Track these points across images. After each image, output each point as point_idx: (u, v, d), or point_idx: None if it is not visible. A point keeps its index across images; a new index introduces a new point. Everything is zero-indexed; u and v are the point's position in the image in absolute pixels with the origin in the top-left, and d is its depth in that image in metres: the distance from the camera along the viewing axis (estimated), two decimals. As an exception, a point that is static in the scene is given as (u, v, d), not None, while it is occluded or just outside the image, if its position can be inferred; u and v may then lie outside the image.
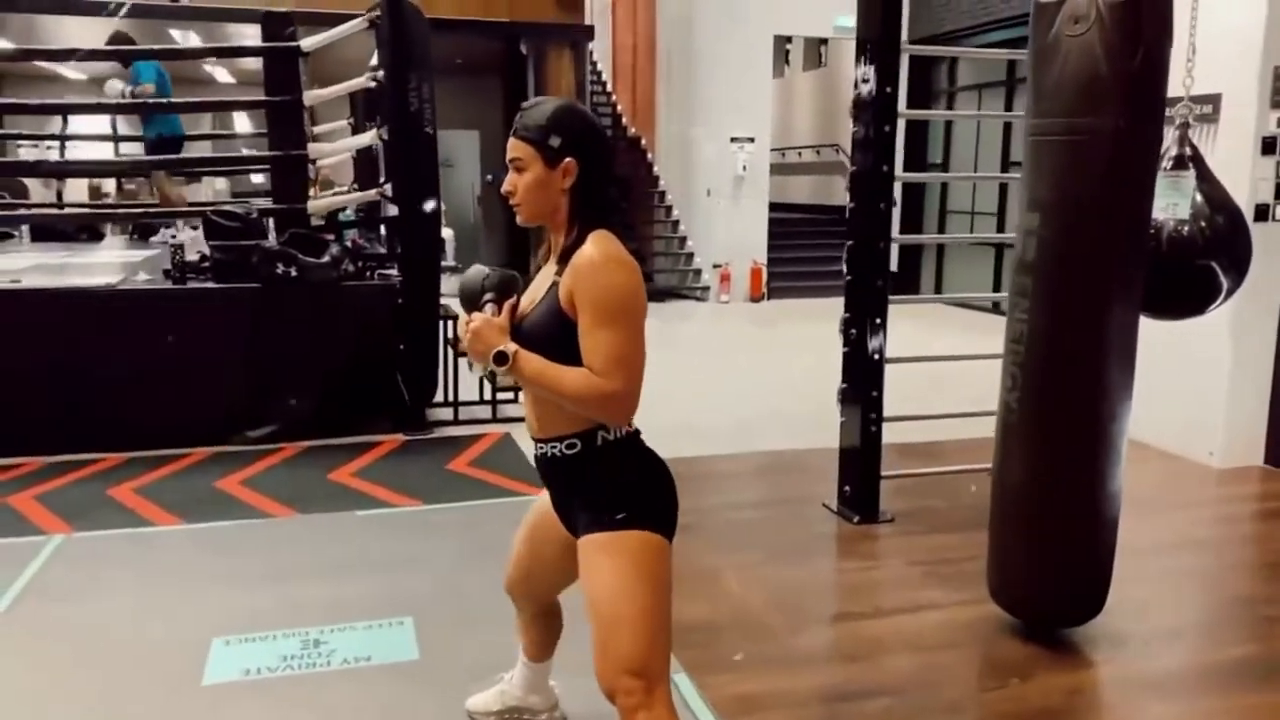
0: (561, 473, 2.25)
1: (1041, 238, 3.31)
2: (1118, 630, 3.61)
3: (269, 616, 3.70)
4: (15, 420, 5.67)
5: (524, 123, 2.15)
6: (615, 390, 2.04)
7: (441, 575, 4.14)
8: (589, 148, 2.16)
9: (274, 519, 4.85)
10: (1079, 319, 3.29)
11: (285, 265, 5.97)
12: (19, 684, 3.27)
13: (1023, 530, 3.48)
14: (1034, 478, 3.42)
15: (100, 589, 4.01)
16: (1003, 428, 3.51)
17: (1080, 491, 3.37)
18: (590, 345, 2.04)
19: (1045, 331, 3.33)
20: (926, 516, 4.84)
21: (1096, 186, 3.22)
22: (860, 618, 3.84)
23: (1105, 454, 3.35)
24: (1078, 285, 3.28)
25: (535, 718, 2.94)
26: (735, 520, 4.90)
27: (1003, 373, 3.50)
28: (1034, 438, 3.42)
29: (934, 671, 3.36)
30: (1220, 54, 5.04)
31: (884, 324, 4.68)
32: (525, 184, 2.16)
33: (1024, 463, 3.45)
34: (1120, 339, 3.31)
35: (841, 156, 14.98)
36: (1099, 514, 3.38)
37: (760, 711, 3.10)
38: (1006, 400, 3.46)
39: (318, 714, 3.08)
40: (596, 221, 2.15)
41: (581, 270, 2.07)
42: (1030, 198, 3.36)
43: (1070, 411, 3.36)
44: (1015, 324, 3.41)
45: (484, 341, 2.08)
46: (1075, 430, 3.36)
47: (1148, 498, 4.90)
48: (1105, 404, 3.31)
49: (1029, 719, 3.07)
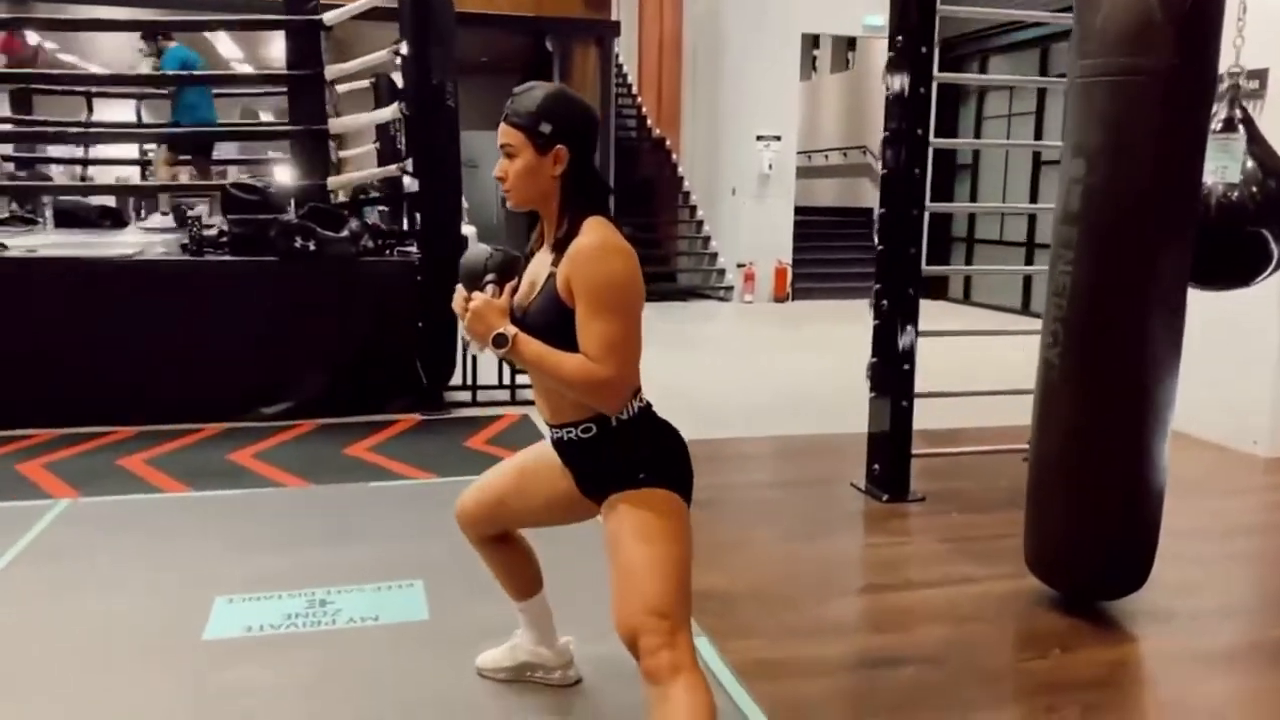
0: (578, 454, 2.26)
1: (1087, 185, 3.14)
2: (1163, 607, 3.42)
3: (275, 578, 3.57)
4: (26, 392, 5.59)
5: (515, 108, 2.13)
6: (609, 377, 2.04)
7: (456, 543, 3.92)
8: (580, 135, 2.14)
9: (285, 488, 4.73)
10: (1126, 270, 3.12)
11: (303, 239, 5.88)
12: (12, 639, 3.15)
13: (1062, 495, 3.29)
14: (1075, 439, 3.24)
15: (102, 550, 3.90)
16: (1042, 387, 3.33)
17: (1124, 454, 3.19)
18: (586, 332, 2.04)
19: (1089, 284, 3.16)
20: (958, 497, 4.65)
21: (1146, 130, 3.05)
22: (888, 589, 3.67)
23: (1150, 416, 3.17)
24: (1125, 234, 3.11)
25: (548, 674, 2.81)
26: (758, 498, 4.74)
27: (1042, 329, 3.33)
28: (1075, 397, 3.24)
29: (969, 642, 3.19)
30: (1269, 29, 4.86)
31: (917, 295, 4.52)
32: (516, 170, 2.14)
33: (1064, 423, 3.27)
34: (1169, 291, 3.13)
35: (869, 158, 14.81)
36: (1143, 479, 3.19)
37: (784, 677, 2.93)
38: (1047, 358, 3.29)
39: (320, 669, 2.94)
40: (589, 208, 2.14)
41: (578, 259, 2.06)
42: (1075, 143, 3.20)
43: (1114, 369, 3.18)
44: (1058, 277, 3.24)
45: (485, 323, 2.08)
46: (1119, 389, 3.18)
47: (1191, 484, 4.69)
48: (1151, 361, 3.14)
49: (1074, 689, 2.88)
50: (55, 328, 5.61)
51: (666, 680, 2.01)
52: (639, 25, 15.91)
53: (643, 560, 2.08)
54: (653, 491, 2.13)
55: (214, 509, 4.42)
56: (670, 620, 2.05)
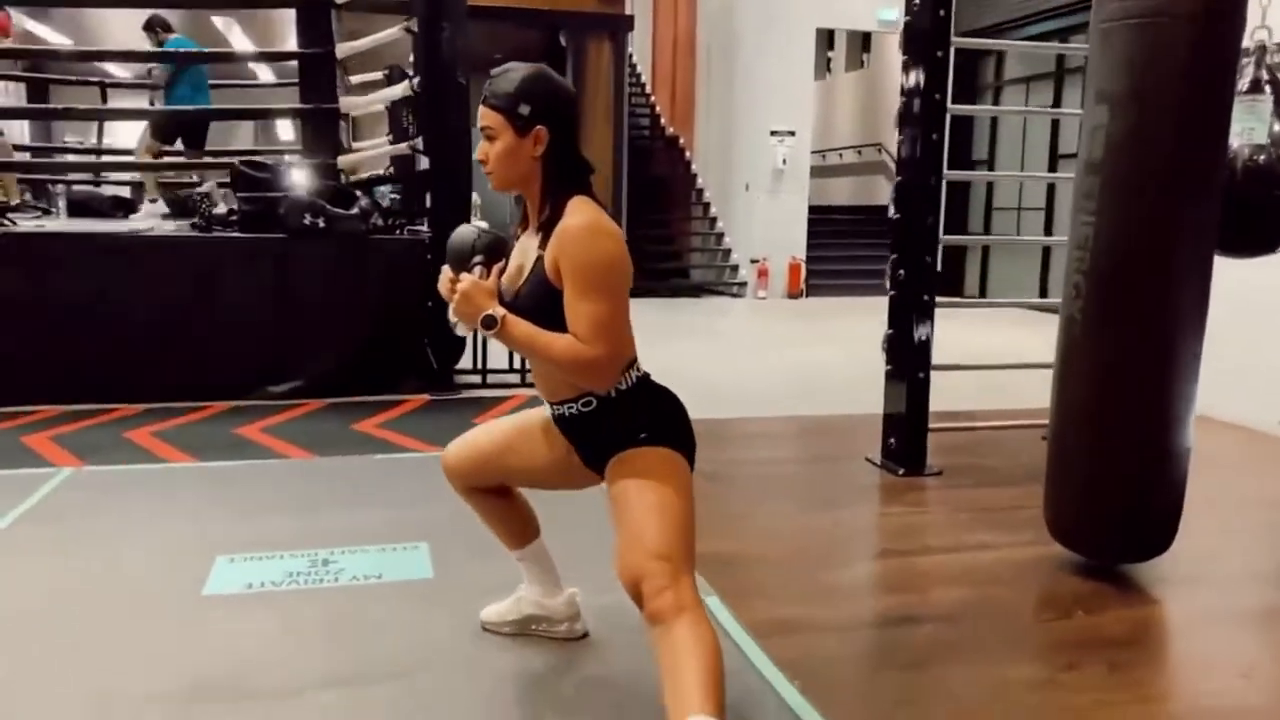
0: (580, 428, 2.26)
1: (1110, 132, 3.05)
2: (1189, 573, 3.31)
3: (277, 540, 3.50)
4: (34, 368, 5.54)
5: (493, 90, 2.13)
6: (598, 356, 2.05)
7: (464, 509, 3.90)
8: (560, 115, 2.13)
9: (291, 460, 4.67)
10: (1151, 217, 3.03)
11: (313, 216, 5.83)
12: (9, 591, 3.10)
13: (1085, 452, 3.19)
14: (1098, 393, 3.14)
15: (103, 513, 3.85)
16: (1064, 343, 3.24)
17: (1148, 410, 3.09)
18: (575, 313, 2.05)
19: (1113, 234, 3.06)
20: (977, 471, 4.55)
21: (1172, 73, 2.97)
22: (904, 554, 3.58)
23: (1176, 368, 3.07)
24: (1150, 180, 3.02)
25: (554, 627, 2.73)
26: (769, 472, 4.65)
27: (1065, 283, 3.23)
28: (1099, 352, 3.14)
29: (988, 603, 3.09)
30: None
31: (934, 263, 4.43)
32: (496, 152, 2.13)
33: (1087, 379, 3.17)
34: (1195, 239, 3.04)
35: (884, 156, 14.71)
36: (1169, 434, 3.09)
37: (798, 634, 2.84)
38: (1069, 313, 3.20)
39: (321, 624, 2.86)
40: (572, 188, 2.13)
41: (565, 240, 2.06)
42: (1097, 90, 3.11)
43: (1139, 323, 3.08)
44: (1080, 228, 3.15)
45: (473, 304, 2.07)
46: (1144, 343, 3.08)
47: (1214, 462, 4.55)
48: (1177, 310, 3.04)
49: (1098, 647, 2.77)
50: (63, 304, 5.57)
51: (671, 619, 1.96)
52: (653, 24, 15.90)
53: (644, 508, 2.07)
54: (654, 449, 2.14)
55: (219, 477, 4.36)
56: (673, 564, 2.02)
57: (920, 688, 2.54)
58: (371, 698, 2.43)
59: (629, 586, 2.04)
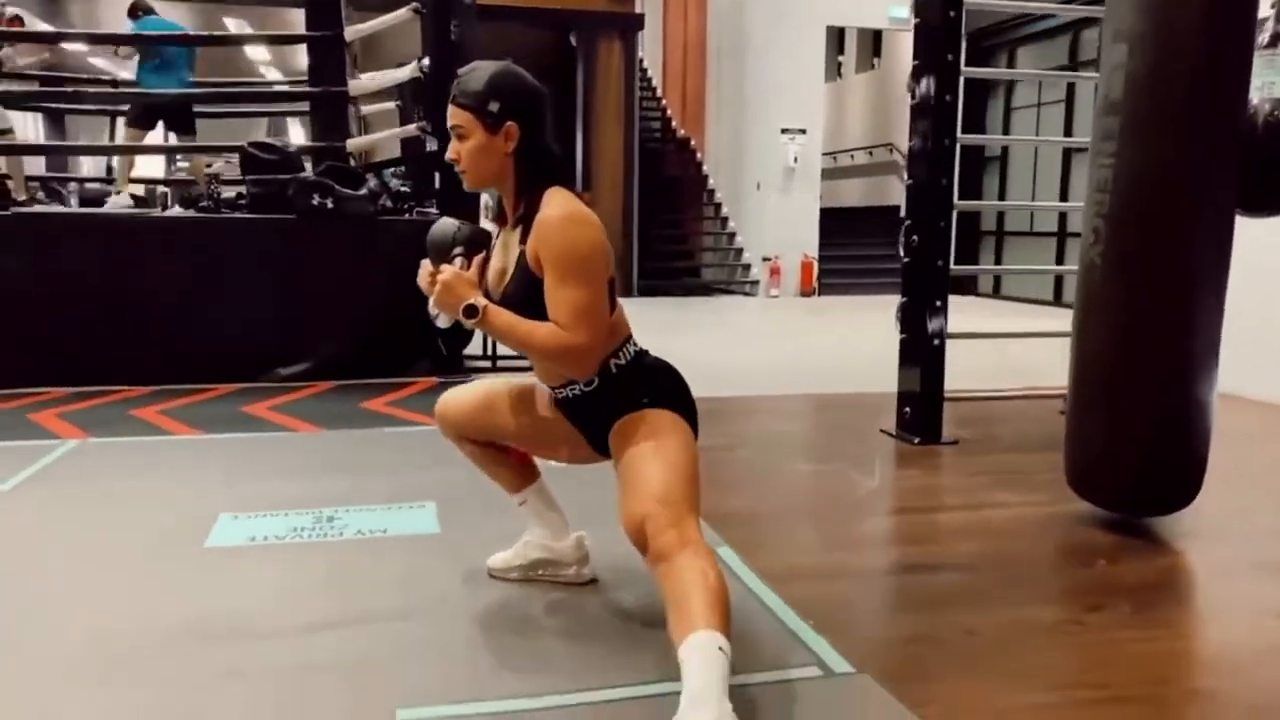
0: (584, 407, 2.28)
1: (1130, 71, 2.99)
2: (1215, 527, 3.23)
3: (282, 500, 3.44)
4: (41, 350, 5.51)
5: (461, 89, 2.14)
6: (579, 343, 2.07)
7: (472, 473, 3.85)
8: (529, 110, 2.15)
9: (299, 433, 4.62)
10: (1171, 157, 2.96)
11: (321, 196, 5.79)
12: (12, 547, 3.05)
13: (1105, 401, 3.11)
14: (1118, 342, 3.07)
15: (106, 477, 3.80)
16: (1083, 289, 3.16)
17: (1170, 358, 3.01)
18: (555, 301, 2.07)
19: (1132, 174, 2.99)
20: (994, 442, 4.48)
21: (1193, 10, 2.90)
22: (921, 511, 3.50)
23: (1198, 317, 2.99)
24: (1169, 119, 2.95)
25: (561, 570, 2.66)
26: (783, 442, 4.58)
27: (1084, 228, 3.16)
28: (1119, 298, 3.07)
29: (1008, 555, 3.01)
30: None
31: (949, 228, 4.36)
32: (468, 151, 2.15)
33: (1107, 326, 3.09)
34: (1216, 179, 2.96)
35: (895, 155, 14.65)
36: (1191, 380, 3.00)
37: (812, 580, 2.76)
38: (1089, 257, 3.12)
39: (323, 573, 2.80)
40: (545, 180, 2.16)
41: (544, 230, 2.09)
42: (1115, 29, 3.05)
43: (1160, 266, 3.01)
44: (1099, 170, 3.08)
45: (454, 295, 2.08)
46: (1165, 286, 3.00)
47: (1237, 434, 4.45)
48: (1199, 252, 2.97)
49: (1122, 592, 2.69)
50: (70, 285, 5.53)
51: (675, 553, 1.93)
52: (663, 27, 15.90)
53: (648, 460, 2.08)
54: (657, 411, 2.17)
55: (225, 448, 4.31)
56: (676, 507, 2.00)
57: (937, 625, 2.45)
58: (373, 636, 2.36)
59: (633, 531, 2.01)
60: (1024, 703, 2.04)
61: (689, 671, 1.75)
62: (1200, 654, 2.45)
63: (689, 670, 1.75)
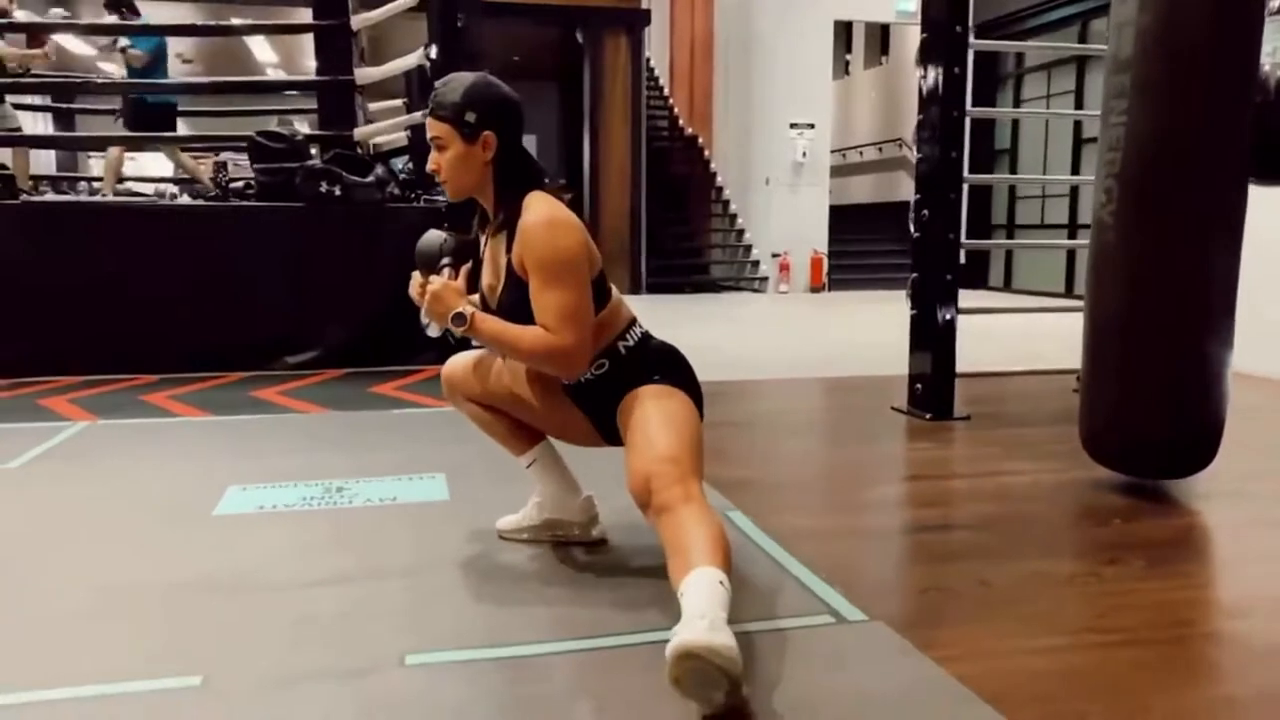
0: (594, 393, 2.31)
1: (1140, 26, 2.96)
2: (1232, 489, 3.20)
3: (291, 472, 3.43)
4: (51, 339, 5.52)
5: (439, 101, 2.19)
6: (566, 345, 2.11)
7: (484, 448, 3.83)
8: (505, 119, 2.21)
9: (307, 414, 4.61)
10: (1183, 114, 2.92)
11: (329, 184, 5.80)
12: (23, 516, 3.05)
13: (1119, 361, 3.08)
14: (1132, 303, 3.03)
15: (116, 455, 3.79)
16: (1097, 251, 3.13)
17: (1185, 319, 2.98)
18: (541, 304, 2.11)
19: (1144, 131, 2.96)
20: (1007, 417, 4.45)
21: (1202, -39, 2.87)
22: (934, 479, 3.47)
23: (1213, 276, 2.96)
24: (1182, 73, 2.92)
25: (570, 531, 2.64)
26: (793, 420, 4.54)
27: (1095, 189, 3.13)
28: (1132, 258, 3.03)
29: (1023, 514, 2.98)
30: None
31: (959, 200, 4.33)
32: (448, 161, 2.20)
33: (1121, 286, 3.06)
34: (1230, 133, 2.93)
35: (904, 151, 14.62)
36: (1207, 339, 2.97)
37: (824, 539, 2.73)
38: (1101, 218, 3.09)
39: (332, 536, 2.79)
40: (525, 187, 2.21)
41: (526, 235, 2.13)
42: (1125, -16, 3.02)
43: (1174, 224, 2.97)
44: (1110, 130, 3.05)
45: (443, 304, 2.15)
46: (1180, 246, 2.97)
47: (1251, 409, 4.42)
48: (1213, 215, 2.93)
49: (1138, 547, 2.65)
50: (78, 274, 5.54)
51: (678, 506, 1.95)
52: (670, 24, 15.89)
53: (654, 423, 2.12)
54: (663, 386, 2.22)
55: (234, 429, 4.30)
56: (681, 466, 2.03)
57: (950, 577, 2.42)
58: (383, 589, 2.35)
59: (638, 490, 2.03)
60: (1038, 645, 2.01)
61: (688, 600, 1.74)
62: (1219, 601, 2.41)
63: (688, 599, 1.74)
